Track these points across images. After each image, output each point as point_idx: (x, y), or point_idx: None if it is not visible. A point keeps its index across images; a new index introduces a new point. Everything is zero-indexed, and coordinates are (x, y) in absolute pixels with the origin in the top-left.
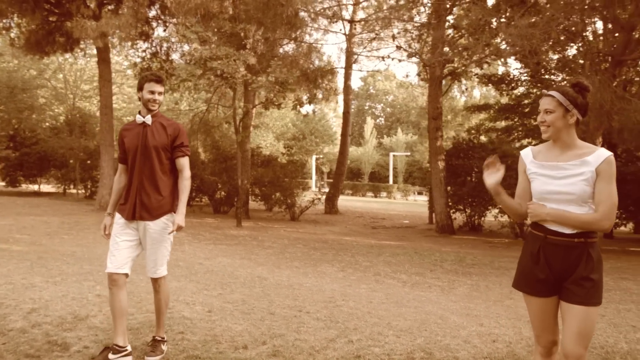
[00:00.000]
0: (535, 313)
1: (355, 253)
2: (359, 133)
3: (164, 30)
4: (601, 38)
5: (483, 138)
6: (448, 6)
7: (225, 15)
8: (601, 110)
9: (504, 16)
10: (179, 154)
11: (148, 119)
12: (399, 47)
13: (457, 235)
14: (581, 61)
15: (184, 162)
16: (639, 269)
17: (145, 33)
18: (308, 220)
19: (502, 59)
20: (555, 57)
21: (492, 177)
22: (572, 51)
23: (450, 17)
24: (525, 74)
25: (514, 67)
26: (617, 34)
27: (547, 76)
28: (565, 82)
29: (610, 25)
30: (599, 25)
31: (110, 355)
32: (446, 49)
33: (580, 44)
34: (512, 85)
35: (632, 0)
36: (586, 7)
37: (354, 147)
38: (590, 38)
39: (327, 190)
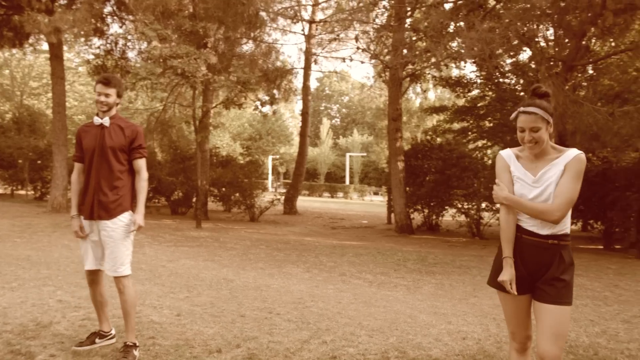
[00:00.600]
0: (511, 310)
1: (319, 254)
2: (314, 134)
3: (121, 27)
4: (552, 44)
5: (439, 139)
6: (409, 9)
7: (185, 13)
8: (555, 113)
9: (462, 20)
10: (136, 155)
11: (106, 121)
12: (359, 49)
13: (416, 235)
14: (533, 65)
15: (141, 164)
16: (589, 265)
17: (100, 30)
18: (267, 221)
19: (462, 62)
20: (509, 61)
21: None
22: (524, 55)
23: (409, 20)
24: (481, 77)
25: (469, 70)
26: (568, 41)
27: (501, 79)
28: (521, 86)
29: (562, 32)
30: (556, 31)
31: (97, 340)
32: (405, 51)
33: (533, 49)
34: (468, 87)
35: (583, 9)
36: (540, 14)
37: (310, 147)
38: (543, 44)
39: (284, 190)
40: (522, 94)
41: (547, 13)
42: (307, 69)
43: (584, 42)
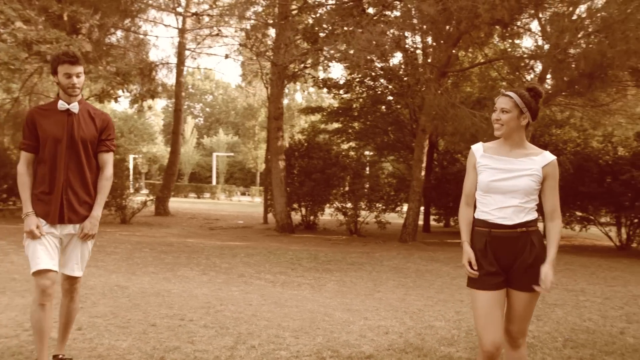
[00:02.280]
0: (481, 308)
1: (209, 255)
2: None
3: None
4: (428, 50)
5: (317, 139)
6: (296, 10)
7: None
8: (435, 115)
9: (345, 25)
10: (103, 148)
11: (75, 107)
12: (242, 45)
13: (297, 234)
14: (402, 68)
15: (108, 158)
16: None
17: None
18: (140, 222)
19: (337, 64)
20: (380, 65)
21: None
22: (395, 60)
23: (292, 19)
24: (356, 80)
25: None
26: (442, 49)
27: (372, 82)
28: (389, 90)
29: (439, 40)
30: (433, 39)
31: None
32: (293, 50)
33: (407, 56)
34: (344, 89)
35: (461, 19)
36: (419, 22)
37: None
38: (419, 51)
39: (146, 191)
40: (390, 97)
41: (431, 21)
42: (180, 64)
43: (454, 51)
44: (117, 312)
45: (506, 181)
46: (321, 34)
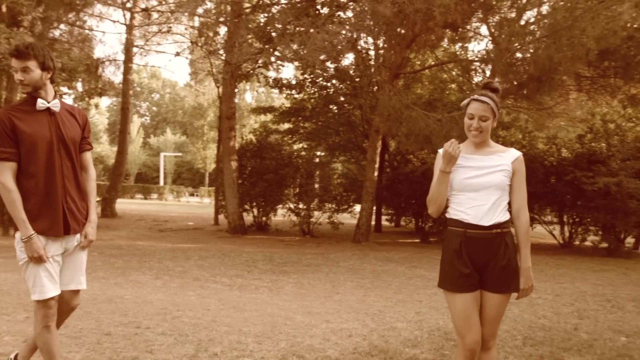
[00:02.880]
0: (460, 310)
1: (162, 258)
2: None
3: None
4: (382, 52)
5: (269, 139)
6: (248, 7)
7: None
8: (389, 116)
9: (295, 25)
10: (86, 147)
11: (56, 104)
12: (193, 43)
13: (249, 235)
14: (355, 68)
15: (89, 158)
16: (420, 258)
17: None
18: None
19: (289, 64)
20: (333, 66)
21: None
22: (347, 61)
23: (245, 17)
24: (309, 80)
25: (293, 73)
26: (395, 51)
27: (325, 82)
28: (341, 91)
29: (393, 42)
30: (387, 41)
31: None
32: (249, 48)
33: (360, 57)
34: (296, 89)
35: (416, 22)
36: (374, 24)
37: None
38: (372, 52)
39: None
40: (342, 98)
41: (386, 22)
42: (128, 61)
43: (408, 54)
44: (68, 321)
45: (480, 178)
46: (273, 34)
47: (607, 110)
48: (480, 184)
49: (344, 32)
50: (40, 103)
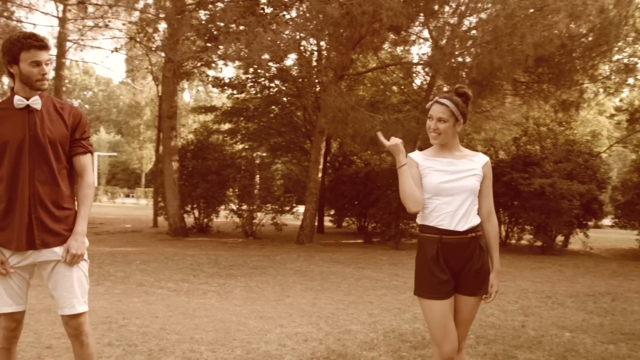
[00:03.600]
0: (438, 318)
1: (101, 263)
2: None
3: None
4: (325, 53)
5: (211, 139)
6: (192, 5)
7: None
8: (335, 117)
9: (240, 24)
10: (79, 150)
11: (36, 101)
12: (132, 39)
13: (191, 238)
14: (298, 69)
15: (86, 161)
16: (366, 259)
17: None
18: None
19: (231, 63)
20: (275, 66)
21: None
22: (290, 62)
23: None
24: (251, 80)
25: (234, 72)
26: (338, 53)
27: (267, 82)
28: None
29: (331, 44)
30: (333, 42)
31: None
32: (192, 46)
33: (304, 58)
34: (238, 89)
35: (363, 24)
36: (320, 25)
37: None
38: (316, 53)
39: None
40: (285, 99)
41: (333, 24)
42: (61, 56)
43: (351, 56)
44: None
45: (455, 182)
46: (215, 32)
47: (540, 114)
48: (455, 189)
49: (287, 31)
50: (18, 100)
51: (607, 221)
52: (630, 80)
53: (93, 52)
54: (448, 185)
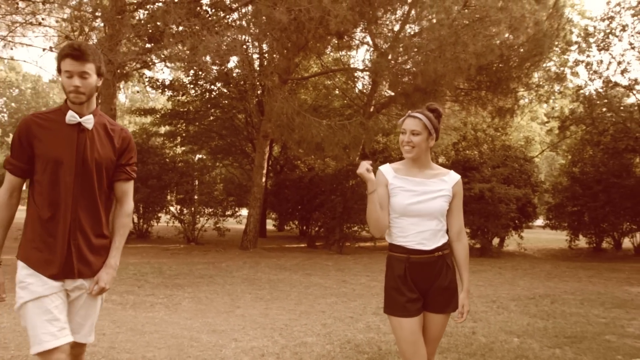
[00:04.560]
0: (408, 335)
1: None
2: None
3: None
4: (268, 57)
5: (150, 142)
6: (133, 5)
7: None
8: (281, 122)
9: (184, 25)
10: (122, 176)
11: (89, 121)
12: (67, 37)
13: (130, 244)
14: (237, 72)
15: (128, 189)
16: (312, 264)
17: None
18: None
19: (171, 65)
20: (216, 68)
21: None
22: (231, 64)
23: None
24: (192, 82)
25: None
26: (283, 57)
27: (208, 85)
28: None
29: (277, 48)
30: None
31: None
32: (133, 47)
33: (245, 62)
34: (179, 91)
35: (310, 29)
36: (265, 30)
37: None
38: (259, 57)
39: None
40: (225, 101)
41: (280, 29)
42: None
43: (295, 61)
44: None
45: (423, 204)
46: (156, 33)
47: (478, 120)
48: (423, 210)
49: (229, 34)
50: (71, 116)
51: (538, 222)
52: (558, 88)
53: (23, 50)
54: (415, 208)
